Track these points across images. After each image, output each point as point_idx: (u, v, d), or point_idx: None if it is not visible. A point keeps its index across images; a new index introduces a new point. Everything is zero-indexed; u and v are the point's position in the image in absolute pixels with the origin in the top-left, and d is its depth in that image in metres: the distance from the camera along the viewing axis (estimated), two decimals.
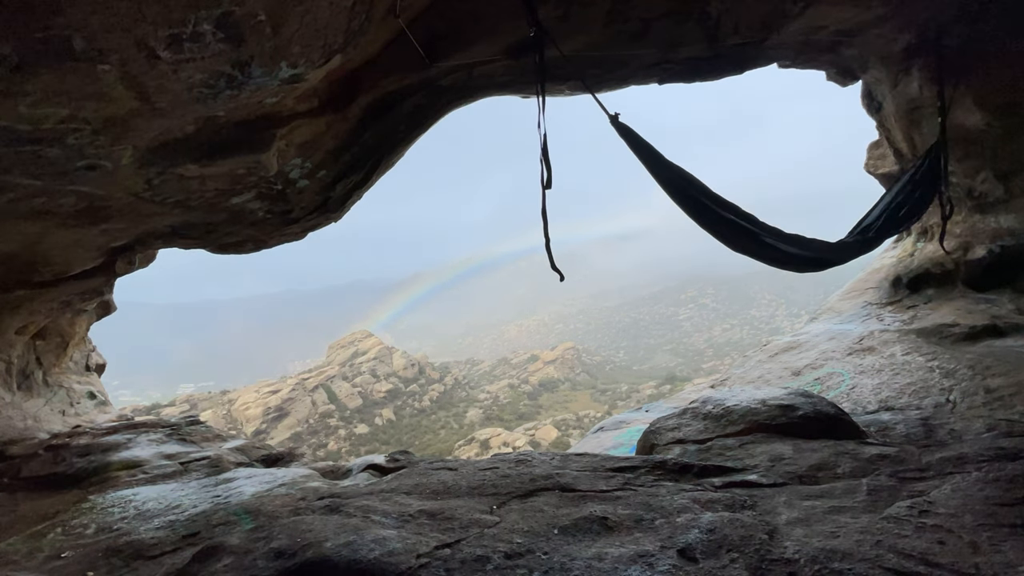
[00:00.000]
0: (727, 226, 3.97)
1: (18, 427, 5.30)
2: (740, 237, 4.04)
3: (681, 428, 4.03)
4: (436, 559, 2.29)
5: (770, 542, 2.27)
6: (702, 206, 3.90)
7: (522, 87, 4.88)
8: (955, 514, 2.37)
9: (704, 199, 3.90)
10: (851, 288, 8.06)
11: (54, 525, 3.48)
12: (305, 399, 50.16)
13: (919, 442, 3.47)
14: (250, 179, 3.98)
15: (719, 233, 4.00)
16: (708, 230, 3.97)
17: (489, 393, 58.91)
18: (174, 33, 2.22)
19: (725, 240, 4.05)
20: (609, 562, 2.20)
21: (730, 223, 3.97)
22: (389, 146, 4.91)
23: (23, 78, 2.23)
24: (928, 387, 4.54)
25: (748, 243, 4.09)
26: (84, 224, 3.98)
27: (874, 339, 5.94)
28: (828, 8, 4.56)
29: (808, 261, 4.45)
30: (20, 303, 5.11)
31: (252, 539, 2.71)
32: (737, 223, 3.99)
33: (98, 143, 2.89)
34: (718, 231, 3.99)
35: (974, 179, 5.75)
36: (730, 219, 3.96)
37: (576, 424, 44.01)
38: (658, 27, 4.38)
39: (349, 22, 2.79)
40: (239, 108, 3.14)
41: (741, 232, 4.03)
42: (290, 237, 5.52)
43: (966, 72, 4.90)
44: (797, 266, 4.47)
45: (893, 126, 6.15)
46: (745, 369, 6.72)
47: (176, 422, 5.82)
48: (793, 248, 4.26)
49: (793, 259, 4.34)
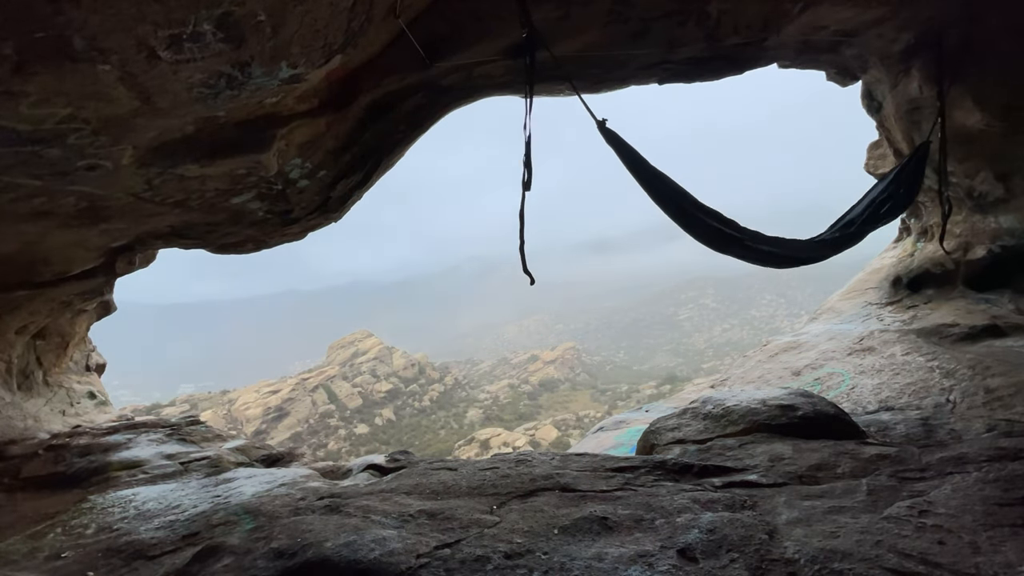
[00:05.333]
0: (708, 229, 4.13)
1: (18, 427, 5.30)
2: (721, 239, 4.21)
3: (681, 428, 4.03)
4: (436, 559, 2.30)
5: (770, 542, 2.27)
6: (684, 210, 4.06)
7: (522, 87, 4.85)
8: (955, 514, 2.37)
9: (686, 204, 4.07)
10: (851, 288, 8.06)
11: (54, 525, 3.48)
12: (305, 399, 50.18)
13: (919, 442, 3.47)
14: (250, 179, 3.98)
15: (701, 235, 4.16)
16: (690, 232, 4.15)
17: (489, 393, 58.92)
18: (174, 33, 2.22)
19: (707, 242, 4.20)
20: (609, 562, 2.21)
21: (711, 227, 4.13)
22: (389, 146, 4.92)
23: (23, 78, 2.23)
24: (928, 387, 4.54)
25: (730, 245, 4.25)
26: (84, 224, 3.98)
27: (874, 339, 5.94)
28: (828, 8, 4.56)
29: (789, 259, 4.62)
30: (20, 303, 5.11)
31: (252, 539, 2.71)
32: (718, 228, 4.15)
33: (98, 143, 2.89)
34: (700, 233, 4.15)
35: (974, 179, 5.74)
36: (711, 224, 4.12)
37: (576, 424, 44.01)
38: (658, 27, 4.38)
39: (349, 22, 2.79)
40: (239, 108, 3.14)
41: (723, 235, 4.19)
42: (290, 237, 5.52)
43: (966, 72, 4.90)
44: (779, 263, 4.66)
45: (893, 126, 6.15)
46: (745, 369, 6.72)
47: (176, 422, 5.81)
48: (775, 248, 4.41)
49: (774, 257, 4.51)
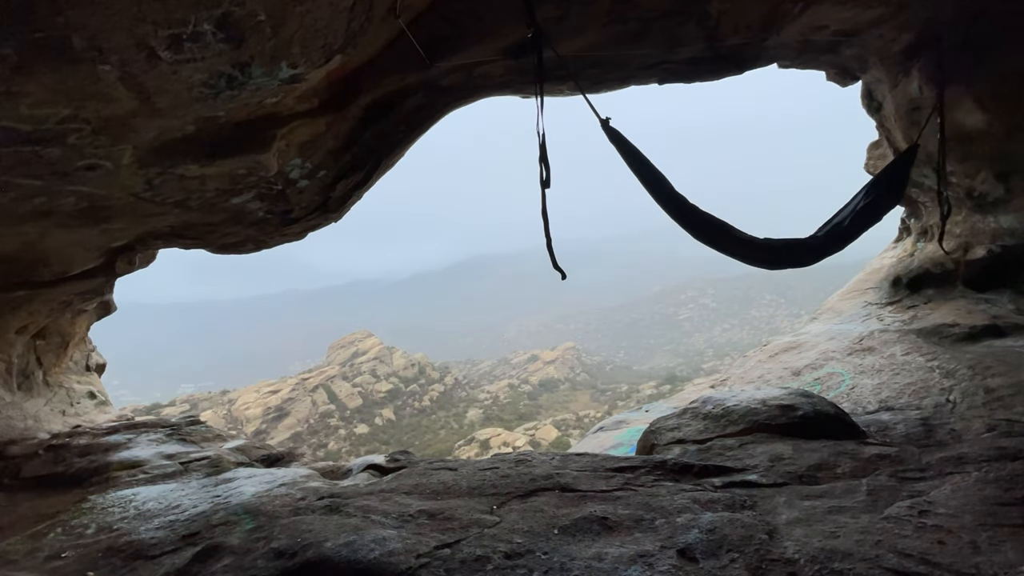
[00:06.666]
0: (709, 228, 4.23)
1: (18, 427, 5.29)
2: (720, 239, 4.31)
3: (681, 428, 4.03)
4: (436, 559, 2.30)
5: (770, 542, 2.27)
6: (686, 209, 4.14)
7: (522, 87, 4.88)
8: (955, 514, 2.37)
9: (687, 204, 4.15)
10: (851, 288, 8.06)
11: (54, 525, 3.48)
12: (305, 399, 50.14)
13: (919, 442, 3.47)
14: (250, 179, 3.98)
15: (701, 235, 4.25)
16: (691, 231, 4.23)
17: (489, 393, 58.88)
18: (174, 33, 2.22)
19: (707, 241, 4.29)
20: (609, 562, 2.21)
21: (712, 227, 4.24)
22: (389, 146, 4.92)
23: (23, 78, 2.24)
24: (928, 387, 4.54)
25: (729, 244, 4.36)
26: (84, 224, 3.98)
27: (874, 339, 5.94)
28: (828, 8, 4.56)
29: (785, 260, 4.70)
30: (20, 303, 5.11)
31: (252, 539, 2.72)
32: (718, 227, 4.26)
33: (98, 143, 2.89)
34: (700, 232, 4.24)
35: (974, 179, 5.74)
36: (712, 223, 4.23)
37: (576, 424, 43.96)
38: (658, 27, 4.38)
39: (349, 22, 2.79)
40: (239, 108, 3.14)
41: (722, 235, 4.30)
42: (290, 237, 5.52)
43: (966, 72, 4.90)
44: (775, 264, 4.77)
45: (893, 126, 6.15)
46: (745, 369, 6.72)
47: (176, 422, 5.81)
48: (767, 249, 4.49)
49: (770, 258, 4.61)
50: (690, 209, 4.14)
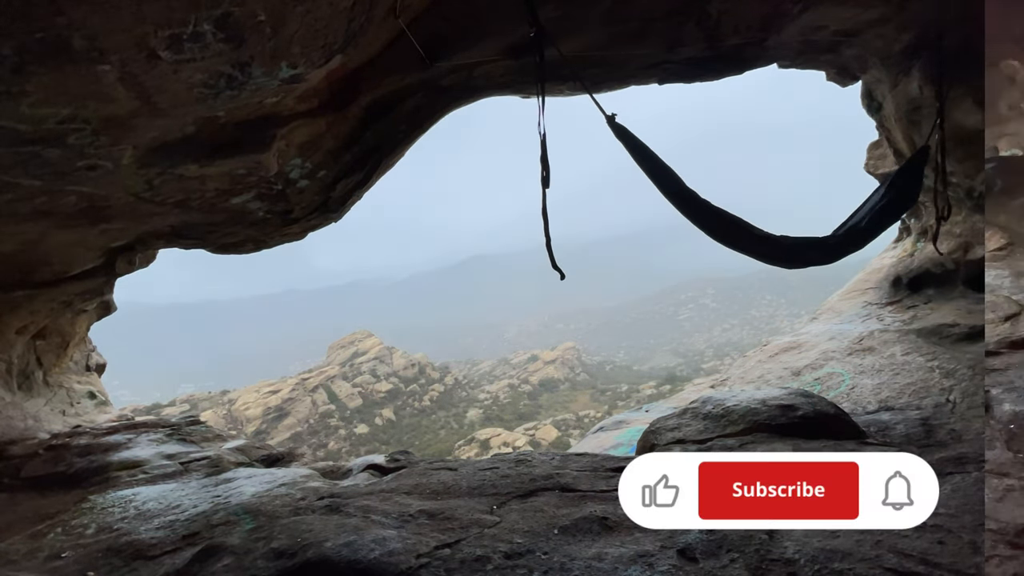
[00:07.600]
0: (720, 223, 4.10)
1: (18, 427, 5.29)
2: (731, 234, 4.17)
3: (681, 428, 4.02)
4: (436, 559, 2.30)
5: (770, 542, 2.27)
6: (696, 204, 4.02)
7: (522, 87, 4.88)
8: (955, 514, 2.37)
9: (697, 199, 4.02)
10: (851, 288, 8.06)
11: (54, 525, 3.48)
12: (305, 399, 50.12)
13: (919, 442, 3.47)
14: (250, 179, 3.98)
15: (712, 230, 4.12)
16: (700, 227, 4.09)
17: (489, 393, 58.84)
18: (174, 33, 2.22)
19: (718, 237, 4.16)
20: (609, 562, 2.21)
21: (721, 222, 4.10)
22: (389, 146, 4.92)
23: (23, 78, 2.24)
24: (928, 387, 4.54)
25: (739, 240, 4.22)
26: (84, 224, 3.99)
27: (874, 339, 5.93)
28: (828, 8, 4.56)
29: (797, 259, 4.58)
30: (20, 303, 5.11)
31: (252, 539, 2.72)
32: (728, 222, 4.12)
33: (98, 143, 2.89)
34: (710, 228, 4.11)
35: (974, 179, 5.74)
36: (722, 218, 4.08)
37: (576, 424, 43.93)
38: (658, 27, 4.38)
39: (349, 22, 2.79)
40: (239, 108, 3.14)
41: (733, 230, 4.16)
42: (290, 237, 5.52)
43: (966, 72, 4.90)
44: (787, 262, 4.62)
45: (893, 126, 6.15)
46: (745, 369, 6.72)
47: (176, 422, 5.82)
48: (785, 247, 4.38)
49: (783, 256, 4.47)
50: (703, 205, 4.01)
